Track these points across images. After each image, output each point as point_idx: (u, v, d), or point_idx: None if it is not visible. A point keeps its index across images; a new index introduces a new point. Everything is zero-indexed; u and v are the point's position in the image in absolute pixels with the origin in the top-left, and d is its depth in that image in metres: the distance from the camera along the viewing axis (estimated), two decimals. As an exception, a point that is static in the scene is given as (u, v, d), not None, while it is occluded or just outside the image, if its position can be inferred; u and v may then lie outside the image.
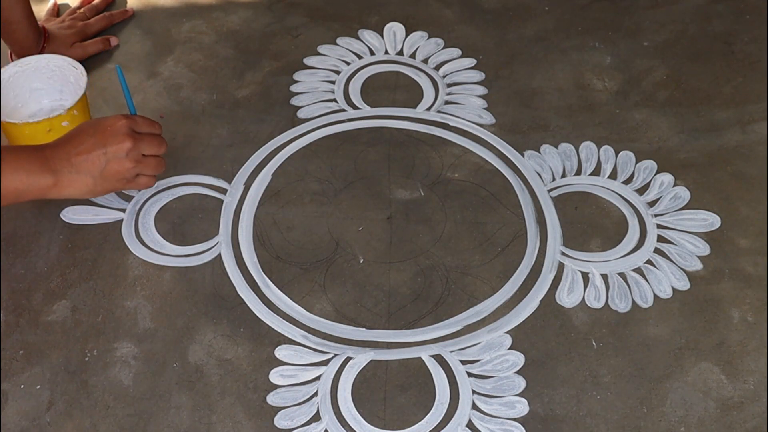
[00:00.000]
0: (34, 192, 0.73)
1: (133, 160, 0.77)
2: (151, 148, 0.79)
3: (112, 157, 0.75)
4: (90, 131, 0.76)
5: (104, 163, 0.75)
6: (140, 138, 0.77)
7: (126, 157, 0.76)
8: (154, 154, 0.80)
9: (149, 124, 0.80)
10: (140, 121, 0.79)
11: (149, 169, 0.80)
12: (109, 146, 0.75)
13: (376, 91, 0.98)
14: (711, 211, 0.85)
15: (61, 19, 1.04)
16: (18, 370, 0.72)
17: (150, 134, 0.79)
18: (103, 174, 0.76)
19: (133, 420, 0.69)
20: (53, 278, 0.79)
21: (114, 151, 0.75)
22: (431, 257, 0.81)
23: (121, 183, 0.78)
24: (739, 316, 0.76)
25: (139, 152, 0.77)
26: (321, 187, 0.87)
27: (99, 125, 0.76)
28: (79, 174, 0.75)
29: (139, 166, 0.78)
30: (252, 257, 0.81)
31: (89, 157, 0.75)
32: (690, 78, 1.00)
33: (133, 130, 0.77)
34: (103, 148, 0.75)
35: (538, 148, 0.91)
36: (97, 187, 0.76)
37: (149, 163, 0.79)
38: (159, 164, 0.81)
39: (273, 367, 0.72)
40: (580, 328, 0.75)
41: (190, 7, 1.09)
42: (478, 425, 0.69)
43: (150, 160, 0.79)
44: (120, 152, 0.76)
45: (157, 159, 0.80)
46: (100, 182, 0.76)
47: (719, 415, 0.70)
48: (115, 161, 0.76)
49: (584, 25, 1.07)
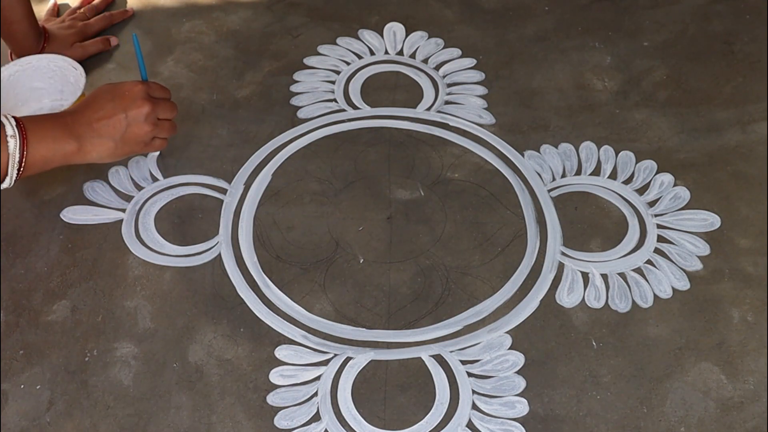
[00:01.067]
0: (59, 158, 0.75)
1: (151, 124, 0.79)
2: (166, 111, 0.81)
3: (132, 120, 0.78)
4: (108, 96, 0.78)
5: (125, 126, 0.77)
6: (156, 102, 0.80)
7: (145, 120, 0.78)
8: (168, 117, 0.82)
9: (162, 89, 0.82)
10: (154, 86, 0.81)
11: (164, 132, 0.82)
12: (129, 110, 0.77)
13: (376, 91, 0.98)
14: (711, 211, 0.85)
15: (61, 19, 1.04)
16: (18, 370, 0.72)
17: (164, 99, 0.82)
18: (123, 137, 0.78)
19: (133, 420, 0.69)
20: (53, 278, 0.79)
21: (134, 115, 0.77)
22: (431, 257, 0.81)
23: (139, 146, 0.80)
24: (739, 316, 0.76)
25: (155, 116, 0.80)
26: (321, 187, 0.87)
27: (116, 90, 0.78)
28: (102, 138, 0.76)
29: (156, 129, 0.80)
30: (252, 257, 0.81)
31: (110, 122, 0.77)
32: (690, 78, 1.00)
33: (149, 94, 0.79)
34: (123, 112, 0.77)
35: (538, 148, 0.91)
36: (117, 150, 0.78)
37: (164, 126, 0.82)
38: (172, 127, 0.83)
39: (273, 367, 0.72)
40: (580, 328, 0.75)
41: (190, 7, 1.09)
42: (478, 425, 0.69)
43: (165, 124, 0.82)
44: (139, 116, 0.78)
45: (170, 122, 0.83)
46: (120, 145, 0.78)
47: (719, 415, 0.70)
48: (135, 125, 0.78)
49: (584, 25, 1.07)
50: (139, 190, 0.86)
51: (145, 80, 0.83)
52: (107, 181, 0.87)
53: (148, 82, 0.81)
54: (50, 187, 0.86)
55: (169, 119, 0.82)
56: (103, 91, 0.78)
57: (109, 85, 0.79)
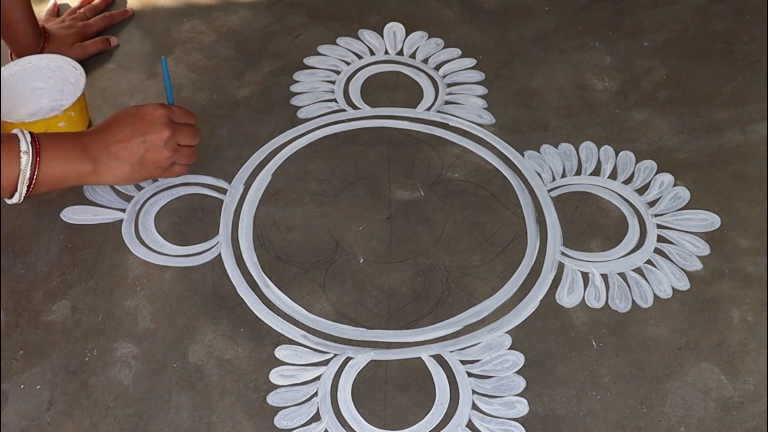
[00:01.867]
0: (72, 178, 0.75)
1: (170, 149, 0.78)
2: (187, 138, 0.80)
3: (151, 145, 0.77)
4: (129, 119, 0.77)
5: (143, 151, 0.77)
6: (177, 128, 0.79)
7: (164, 146, 0.78)
8: (189, 144, 0.81)
9: (185, 114, 0.81)
10: (177, 111, 0.80)
11: (184, 158, 0.81)
12: (148, 135, 0.77)
13: (376, 91, 0.98)
14: (711, 211, 0.85)
15: (61, 19, 1.04)
16: (18, 370, 0.72)
17: (186, 124, 0.81)
18: (141, 162, 0.77)
19: (133, 420, 0.69)
20: (53, 278, 0.79)
21: (153, 140, 0.77)
22: (431, 257, 0.81)
23: (157, 171, 0.80)
24: (739, 316, 0.76)
25: (176, 142, 0.79)
26: (321, 187, 0.87)
27: (138, 114, 0.77)
28: (118, 162, 0.76)
29: (175, 156, 0.80)
30: (252, 257, 0.81)
31: (128, 146, 0.76)
32: (690, 78, 1.00)
33: (171, 119, 0.79)
34: (142, 136, 0.76)
35: (538, 148, 0.91)
36: (134, 174, 0.78)
37: (184, 153, 0.81)
38: (193, 154, 0.83)
39: (273, 367, 0.72)
40: (580, 328, 0.75)
41: (190, 7, 1.09)
42: (478, 425, 0.69)
43: (185, 150, 0.81)
44: (158, 141, 0.77)
45: (191, 149, 0.82)
46: (137, 170, 0.78)
47: (719, 415, 0.70)
48: (154, 150, 0.77)
49: (584, 25, 1.07)
50: (139, 190, 0.86)
51: (171, 103, 0.83)
52: (107, 181, 0.87)
53: (172, 106, 0.80)
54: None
55: (191, 146, 0.81)
56: (124, 114, 0.78)
57: (130, 108, 0.78)
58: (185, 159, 0.81)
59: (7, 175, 0.70)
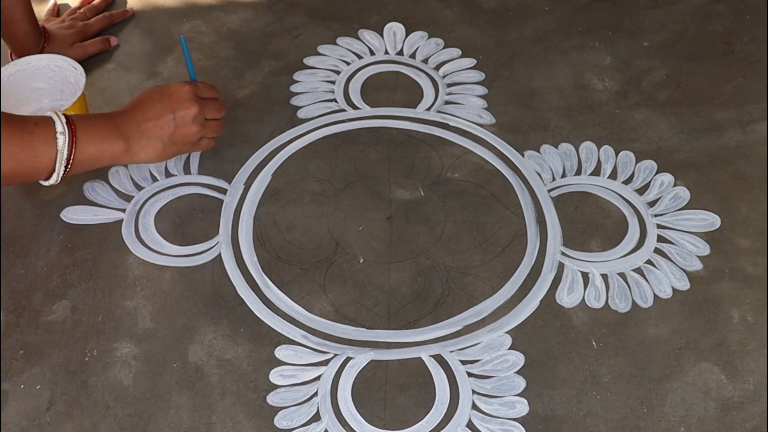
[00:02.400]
0: (107, 158, 0.76)
1: (199, 124, 0.80)
2: (213, 112, 0.82)
3: (180, 121, 0.78)
4: (156, 97, 0.78)
5: (173, 128, 0.78)
6: (204, 102, 0.81)
7: (193, 121, 0.79)
8: (215, 117, 0.83)
9: (209, 88, 0.83)
10: (201, 86, 0.82)
11: (211, 132, 0.83)
12: (177, 111, 0.78)
13: (376, 91, 0.98)
14: (711, 211, 0.85)
15: (61, 19, 1.04)
16: (18, 370, 0.72)
17: (211, 98, 0.82)
18: (172, 138, 0.79)
19: (133, 420, 0.69)
20: (53, 278, 0.79)
21: (182, 116, 0.78)
22: (431, 257, 0.81)
23: (187, 146, 0.81)
24: (739, 316, 0.76)
25: (203, 116, 0.81)
26: (321, 187, 0.87)
27: (164, 91, 0.79)
28: (150, 139, 0.77)
29: (203, 130, 0.81)
30: (252, 257, 0.81)
31: (159, 123, 0.77)
32: (690, 78, 1.00)
33: (197, 95, 0.80)
34: (171, 113, 0.78)
35: (538, 148, 0.91)
36: (165, 151, 0.79)
37: (212, 127, 0.83)
38: (219, 127, 0.84)
39: (273, 367, 0.72)
40: (580, 328, 0.75)
41: (190, 7, 1.09)
42: (478, 425, 0.69)
43: (212, 124, 0.83)
44: (187, 117, 0.79)
45: (217, 122, 0.84)
46: (168, 146, 0.79)
47: (719, 415, 0.70)
48: (183, 126, 0.79)
49: (584, 25, 1.07)
50: (139, 190, 0.86)
51: (194, 80, 0.84)
52: (107, 181, 0.87)
53: (195, 82, 0.82)
54: (50, 187, 0.86)
55: (217, 119, 0.83)
56: (151, 93, 0.79)
57: (156, 87, 0.80)
58: (213, 132, 0.83)
59: (45, 156, 0.71)
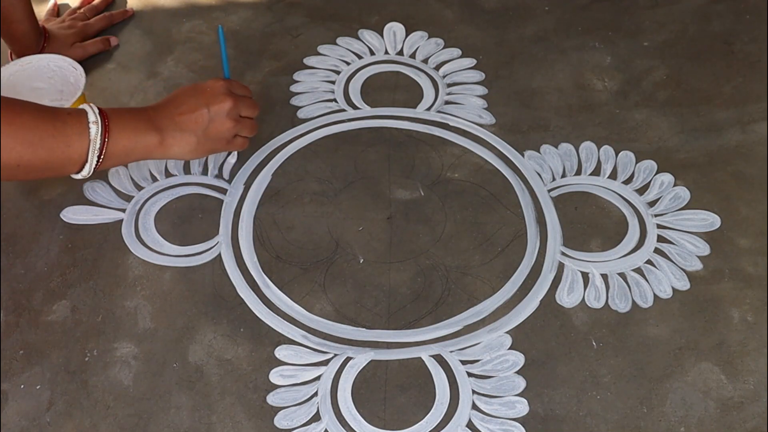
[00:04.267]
0: (140, 151, 0.75)
1: (233, 120, 0.79)
2: (247, 109, 0.81)
3: (215, 115, 0.78)
4: (190, 92, 0.78)
5: (207, 121, 0.77)
6: (239, 99, 0.80)
7: (227, 116, 0.78)
8: (249, 115, 0.82)
9: (243, 87, 0.82)
10: (235, 84, 0.81)
11: (246, 130, 0.82)
12: (212, 105, 0.77)
13: (376, 91, 0.98)
14: (711, 211, 0.85)
15: (61, 19, 1.04)
16: (18, 370, 0.72)
17: (245, 96, 0.82)
18: (206, 132, 0.78)
19: (133, 420, 0.69)
20: (53, 278, 0.79)
21: (216, 110, 0.78)
22: (431, 257, 0.81)
23: (221, 143, 0.80)
24: (739, 316, 0.76)
25: (238, 112, 0.80)
26: (321, 187, 0.87)
27: (198, 87, 0.79)
28: (184, 132, 0.76)
29: (238, 126, 0.80)
30: (252, 257, 0.81)
31: (193, 116, 0.77)
32: (690, 78, 1.00)
33: (231, 91, 0.80)
34: (206, 107, 0.77)
35: (538, 148, 0.91)
36: (200, 146, 0.78)
37: (246, 124, 0.82)
38: (254, 126, 0.83)
39: (273, 367, 0.72)
40: (580, 328, 0.75)
41: (190, 7, 1.09)
42: (478, 425, 0.69)
43: (246, 122, 0.82)
44: (222, 111, 0.78)
45: (252, 121, 0.83)
46: (203, 141, 0.78)
47: (719, 415, 0.70)
48: (218, 120, 0.78)
49: (584, 25, 1.07)
50: (139, 190, 0.86)
51: (227, 78, 0.84)
52: (107, 181, 0.87)
53: (229, 79, 0.81)
54: (50, 187, 0.86)
55: (251, 118, 0.82)
56: (185, 89, 0.79)
57: (190, 84, 0.79)
58: (247, 131, 0.82)
59: (77, 146, 0.70)
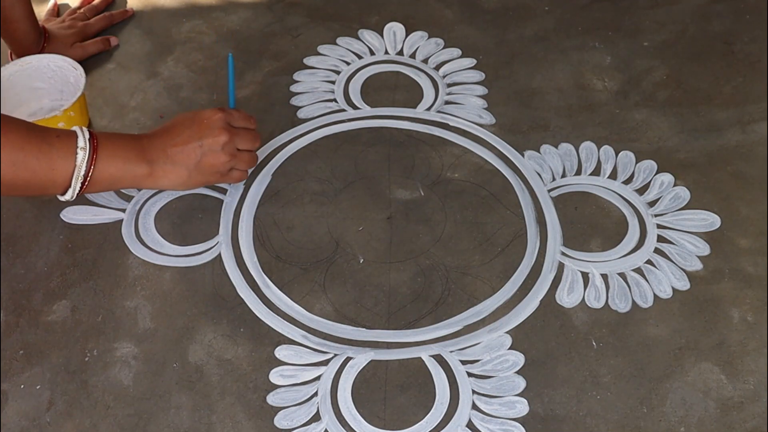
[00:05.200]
0: (128, 180, 0.74)
1: (228, 154, 0.77)
2: (246, 142, 0.79)
3: (208, 150, 0.76)
4: (186, 123, 0.76)
5: (200, 155, 0.76)
6: (236, 132, 0.78)
7: (221, 150, 0.77)
8: (248, 149, 0.80)
9: (245, 118, 0.80)
10: (236, 115, 0.79)
11: (243, 164, 0.80)
12: (205, 139, 0.76)
13: (376, 91, 0.98)
14: (711, 211, 0.85)
15: (61, 19, 1.04)
16: (18, 370, 0.72)
17: (245, 129, 0.80)
18: (198, 166, 0.76)
19: (133, 420, 0.69)
20: (53, 278, 0.79)
21: (210, 144, 0.76)
22: (431, 257, 0.81)
23: (215, 176, 0.79)
24: (739, 316, 0.76)
25: (234, 146, 0.78)
26: (321, 187, 0.87)
27: (195, 118, 0.77)
28: (175, 165, 0.75)
29: (234, 160, 0.79)
30: (252, 257, 0.81)
31: (185, 149, 0.75)
32: (690, 78, 1.00)
33: (229, 123, 0.78)
34: (199, 140, 0.76)
35: (538, 148, 0.91)
36: (191, 179, 0.77)
37: (243, 158, 0.80)
38: (252, 159, 0.82)
39: (273, 367, 0.72)
40: (580, 328, 0.75)
41: (190, 7, 1.09)
42: (478, 425, 0.69)
43: (244, 155, 0.80)
44: (216, 145, 0.76)
45: (250, 154, 0.81)
46: (194, 174, 0.77)
47: (719, 415, 0.70)
48: (211, 154, 0.76)
49: (584, 25, 1.07)
50: (139, 190, 0.86)
51: (231, 107, 0.82)
52: (107, 181, 0.87)
53: (230, 110, 0.79)
54: (50, 187, 0.86)
55: (250, 150, 0.80)
56: (183, 118, 0.77)
57: (190, 113, 0.78)
58: (244, 165, 0.80)
59: (62, 169, 0.69)
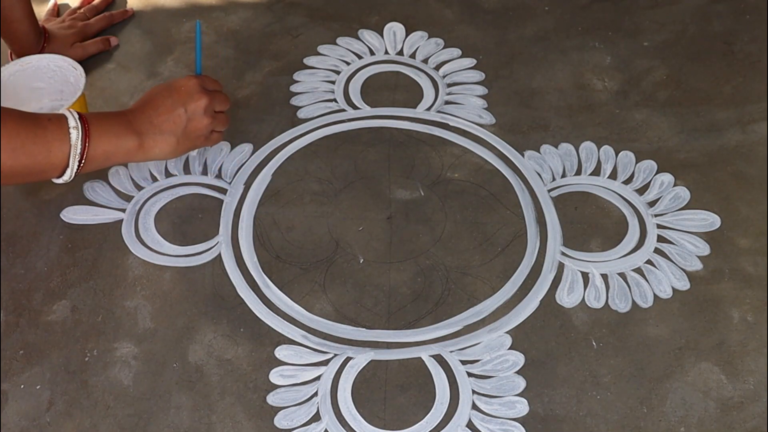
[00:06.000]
0: (120, 154, 0.76)
1: (209, 116, 0.80)
2: (221, 104, 0.82)
3: (192, 114, 0.78)
4: (165, 93, 0.78)
5: (185, 121, 0.78)
6: (212, 95, 0.80)
7: (204, 113, 0.79)
8: (222, 110, 0.83)
9: (214, 81, 0.83)
10: (207, 79, 0.82)
11: (221, 125, 0.83)
12: (188, 104, 0.78)
13: (376, 91, 0.98)
14: (711, 211, 0.85)
15: (61, 19, 1.04)
16: (18, 370, 0.72)
17: (218, 91, 0.82)
18: (185, 132, 0.79)
19: (133, 420, 0.69)
20: (53, 278, 0.79)
21: (193, 109, 0.78)
22: (431, 257, 0.81)
23: (199, 140, 0.81)
24: (739, 316, 0.76)
25: (212, 108, 0.80)
26: (321, 187, 0.87)
27: (172, 87, 0.79)
28: (163, 134, 0.77)
29: (214, 122, 0.81)
30: (252, 257, 0.81)
31: (171, 117, 0.77)
32: (690, 78, 1.00)
33: (204, 87, 0.80)
34: (182, 106, 0.78)
35: (538, 148, 0.91)
36: (180, 146, 0.79)
37: (221, 119, 0.83)
38: (227, 119, 0.84)
39: (273, 367, 0.72)
40: (580, 328, 0.75)
41: (190, 7, 1.09)
42: (478, 425, 0.69)
43: (221, 116, 0.83)
44: (199, 109, 0.79)
45: (224, 115, 0.84)
46: (182, 140, 0.79)
47: (719, 415, 0.70)
48: (195, 118, 0.79)
49: (584, 25, 1.07)
50: (139, 190, 0.86)
51: (198, 73, 0.84)
52: (107, 181, 0.87)
53: (200, 75, 0.82)
54: (50, 187, 0.86)
55: (223, 111, 0.83)
56: (160, 89, 0.79)
57: (163, 84, 0.80)
58: (222, 125, 0.83)
59: (58, 151, 0.71)
